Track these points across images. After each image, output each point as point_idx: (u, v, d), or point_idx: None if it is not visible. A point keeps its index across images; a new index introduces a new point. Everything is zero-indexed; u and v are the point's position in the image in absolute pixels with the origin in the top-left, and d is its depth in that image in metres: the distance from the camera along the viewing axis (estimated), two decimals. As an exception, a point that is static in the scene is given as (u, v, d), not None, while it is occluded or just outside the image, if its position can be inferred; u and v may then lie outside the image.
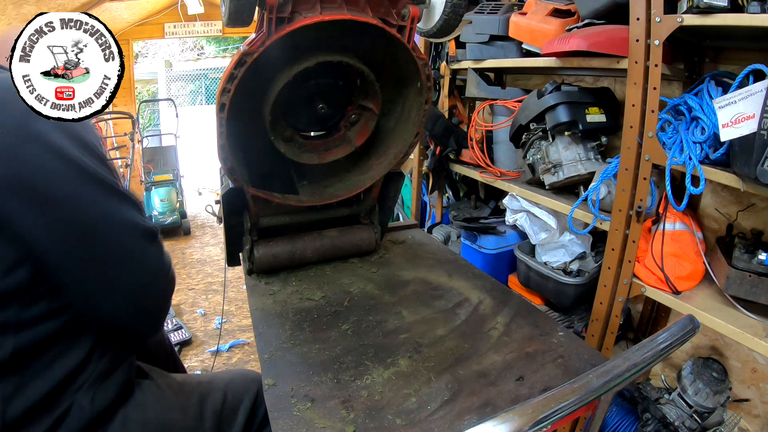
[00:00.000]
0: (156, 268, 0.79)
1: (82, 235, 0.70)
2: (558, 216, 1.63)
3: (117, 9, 4.35)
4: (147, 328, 0.85)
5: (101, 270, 0.72)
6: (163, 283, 0.81)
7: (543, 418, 0.58)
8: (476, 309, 1.07)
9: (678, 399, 1.24)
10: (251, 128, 1.13)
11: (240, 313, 2.81)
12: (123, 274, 0.74)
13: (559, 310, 1.72)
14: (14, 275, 0.66)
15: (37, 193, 0.66)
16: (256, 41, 0.91)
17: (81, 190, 0.70)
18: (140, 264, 0.76)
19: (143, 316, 0.80)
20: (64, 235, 0.68)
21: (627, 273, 1.30)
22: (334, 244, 1.29)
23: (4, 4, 3.12)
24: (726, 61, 1.40)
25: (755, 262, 1.10)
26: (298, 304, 1.10)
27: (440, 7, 1.21)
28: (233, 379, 1.03)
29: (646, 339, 0.73)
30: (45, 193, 0.67)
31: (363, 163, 1.29)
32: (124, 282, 0.74)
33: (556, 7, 1.54)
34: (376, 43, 1.11)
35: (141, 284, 0.77)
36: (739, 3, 1.02)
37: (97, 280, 0.72)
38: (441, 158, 2.06)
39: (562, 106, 1.46)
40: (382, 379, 0.84)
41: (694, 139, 1.16)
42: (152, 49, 8.89)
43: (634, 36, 1.18)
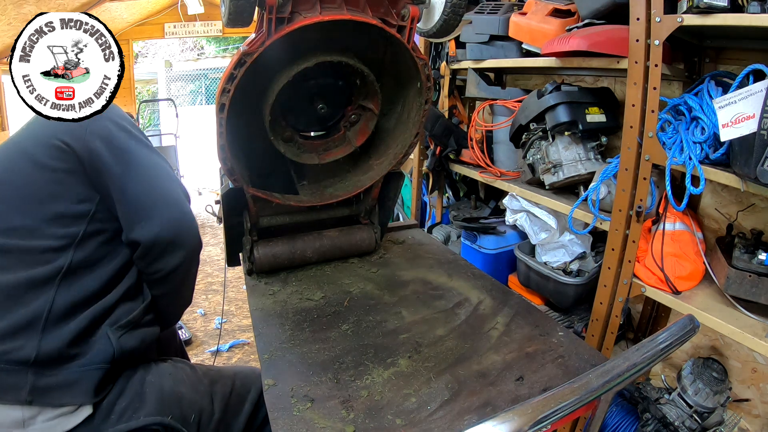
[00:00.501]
0: (187, 210, 0.97)
1: (137, 168, 0.92)
2: (558, 216, 1.63)
3: (117, 9, 4.35)
4: (183, 250, 0.96)
5: (149, 196, 0.92)
6: (192, 222, 0.97)
7: (543, 418, 0.58)
8: (476, 309, 1.07)
9: (678, 399, 1.24)
10: (251, 128, 1.13)
11: (240, 313, 2.81)
12: (162, 201, 0.93)
13: (559, 310, 1.72)
14: (84, 204, 0.89)
15: (110, 141, 0.90)
16: (256, 41, 0.91)
17: (136, 147, 0.94)
18: (176, 202, 0.95)
19: (180, 239, 0.94)
20: (126, 167, 0.90)
21: (627, 273, 1.30)
22: (334, 244, 1.29)
23: (4, 4, 3.12)
24: (726, 61, 1.40)
25: (755, 262, 1.10)
26: (298, 304, 1.10)
27: (440, 7, 1.20)
28: (241, 370, 1.09)
29: (646, 339, 0.73)
30: (113, 141, 0.90)
31: (363, 163, 1.29)
32: (163, 208, 0.92)
33: (556, 7, 1.54)
34: (376, 43, 1.11)
35: (176, 211, 0.94)
36: (739, 3, 1.02)
37: (146, 202, 0.91)
38: (441, 158, 2.06)
39: (562, 106, 1.46)
40: (382, 379, 0.84)
41: (694, 139, 1.16)
42: (152, 49, 8.89)
43: (634, 36, 1.18)
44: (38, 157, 0.87)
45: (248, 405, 1.03)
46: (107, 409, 0.85)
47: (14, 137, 0.94)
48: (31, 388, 0.77)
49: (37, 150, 0.87)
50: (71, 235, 0.87)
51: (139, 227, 0.90)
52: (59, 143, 0.86)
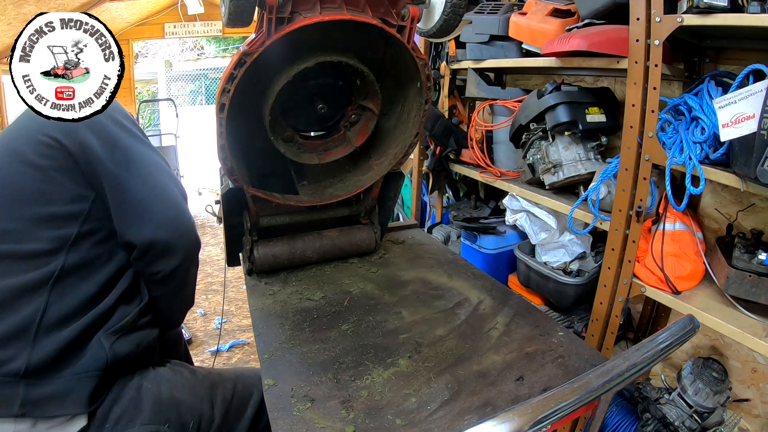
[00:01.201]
0: (185, 210, 0.93)
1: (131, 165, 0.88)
2: (558, 216, 1.63)
3: (117, 9, 4.35)
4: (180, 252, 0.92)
5: (145, 195, 0.88)
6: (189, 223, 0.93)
7: (543, 418, 0.58)
8: (476, 309, 1.07)
9: (678, 399, 1.24)
10: (251, 128, 1.13)
11: (240, 313, 2.81)
12: (158, 201, 0.89)
13: (559, 310, 1.72)
14: (78, 204, 0.85)
15: (103, 134, 0.86)
16: (256, 41, 0.91)
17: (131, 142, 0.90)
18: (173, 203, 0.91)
19: (177, 241, 0.91)
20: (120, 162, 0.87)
21: (627, 273, 1.30)
22: (334, 244, 1.29)
23: (4, 4, 3.12)
24: (726, 61, 1.40)
25: (755, 262, 1.10)
26: (298, 304, 1.10)
27: (440, 7, 1.20)
28: (244, 372, 1.07)
29: (646, 339, 0.73)
30: (107, 136, 0.87)
31: (363, 163, 1.29)
32: (159, 208, 0.89)
33: (556, 7, 1.54)
34: (376, 43, 1.11)
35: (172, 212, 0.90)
36: (739, 3, 1.02)
37: (142, 201, 0.87)
38: (441, 158, 2.06)
39: (562, 106, 1.46)
40: (382, 379, 0.84)
41: (694, 139, 1.16)
42: (152, 49, 8.89)
43: (634, 36, 1.18)
44: (27, 154, 0.83)
45: (250, 409, 1.00)
46: (102, 418, 0.82)
47: (4, 134, 0.90)
48: (23, 400, 0.75)
49: (26, 147, 0.83)
50: (64, 237, 0.83)
51: (134, 228, 0.86)
52: (47, 139, 0.83)
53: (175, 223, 0.90)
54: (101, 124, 0.87)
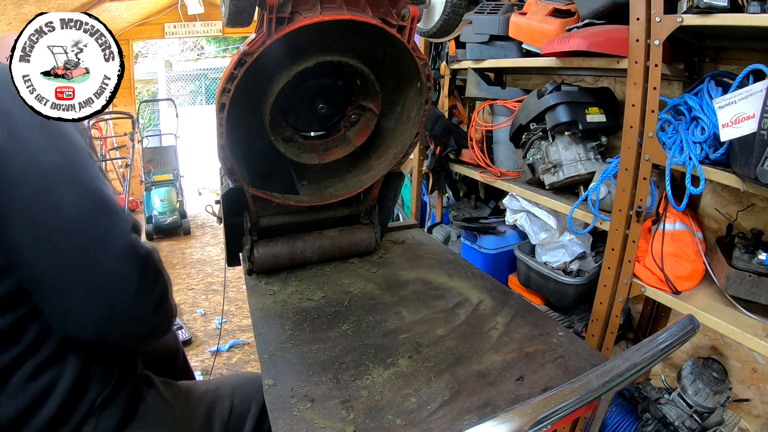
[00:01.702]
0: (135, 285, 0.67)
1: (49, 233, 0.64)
2: (558, 216, 1.63)
3: (117, 9, 4.35)
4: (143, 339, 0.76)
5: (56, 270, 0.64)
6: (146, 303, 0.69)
7: (543, 418, 0.58)
8: (476, 309, 1.07)
9: (678, 399, 1.24)
10: (251, 128, 1.13)
11: (240, 313, 2.81)
12: (83, 287, 0.64)
13: (559, 310, 1.72)
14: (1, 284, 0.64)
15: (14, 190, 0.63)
16: (256, 41, 0.91)
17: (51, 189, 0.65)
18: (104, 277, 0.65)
19: (130, 332, 0.71)
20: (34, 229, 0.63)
21: (627, 273, 1.30)
22: (334, 244, 1.29)
23: (4, 4, 3.12)
24: (726, 61, 1.40)
25: (755, 262, 1.10)
26: (298, 304, 1.10)
27: (440, 7, 1.21)
28: (240, 384, 1.01)
29: (646, 339, 0.73)
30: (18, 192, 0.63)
31: (363, 163, 1.29)
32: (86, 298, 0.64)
33: (556, 7, 1.54)
34: (376, 44, 1.11)
35: (108, 300, 0.65)
36: (739, 3, 1.02)
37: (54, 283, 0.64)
38: (441, 158, 2.06)
39: (562, 106, 1.46)
40: (382, 379, 0.84)
41: (694, 139, 1.16)
42: (152, 49, 8.89)
43: (634, 36, 1.18)
44: None
45: (249, 423, 0.96)
46: None
47: None
48: None
49: None
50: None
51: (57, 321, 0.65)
52: None
53: (117, 313, 0.66)
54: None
